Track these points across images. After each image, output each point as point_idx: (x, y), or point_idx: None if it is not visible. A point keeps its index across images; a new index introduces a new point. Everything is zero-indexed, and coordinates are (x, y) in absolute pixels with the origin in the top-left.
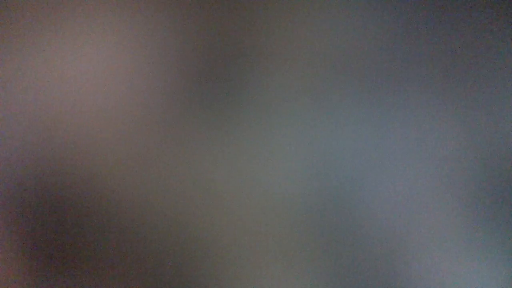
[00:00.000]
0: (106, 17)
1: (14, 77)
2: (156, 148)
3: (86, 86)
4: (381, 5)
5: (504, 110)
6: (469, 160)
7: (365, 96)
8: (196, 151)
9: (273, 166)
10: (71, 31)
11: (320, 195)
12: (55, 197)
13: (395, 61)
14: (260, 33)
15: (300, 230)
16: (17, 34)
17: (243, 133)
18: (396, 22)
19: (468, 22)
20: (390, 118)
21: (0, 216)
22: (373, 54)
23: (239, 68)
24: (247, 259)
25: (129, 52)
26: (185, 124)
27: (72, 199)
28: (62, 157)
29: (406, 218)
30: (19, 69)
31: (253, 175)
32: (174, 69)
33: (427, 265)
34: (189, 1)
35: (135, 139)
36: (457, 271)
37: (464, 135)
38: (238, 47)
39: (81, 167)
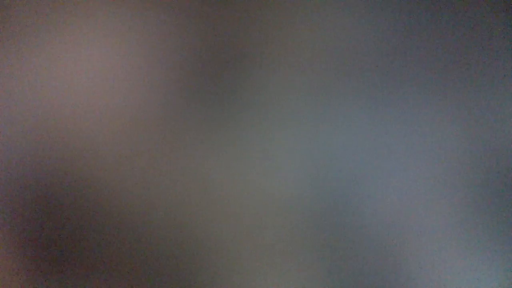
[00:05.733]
0: (106, 17)
1: (14, 77)
2: (156, 148)
3: (86, 86)
4: (381, 5)
5: (504, 110)
6: (469, 160)
7: (365, 96)
8: (196, 151)
9: (273, 166)
10: (71, 31)
11: (320, 195)
12: (55, 197)
13: (395, 61)
14: (260, 33)
15: (300, 231)
16: (17, 34)
17: (243, 133)
18: (396, 22)
19: (468, 22)
20: (390, 118)
21: (0, 216)
22: (373, 54)
23: (239, 68)
24: (247, 259)
25: (129, 52)
26: (184, 125)
27: (72, 199)
28: (62, 157)
29: (406, 218)
30: (19, 69)
31: (253, 175)
32: (174, 69)
33: (427, 265)
34: (189, 1)
35: (135, 139)
36: (457, 270)
37: (464, 135)
38: (238, 47)
39: (80, 167)
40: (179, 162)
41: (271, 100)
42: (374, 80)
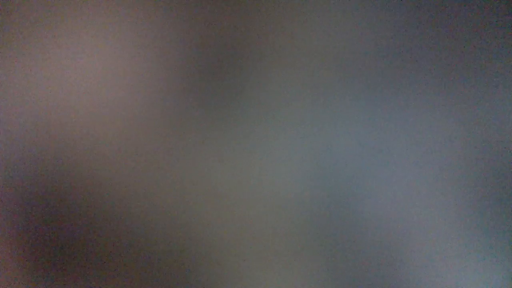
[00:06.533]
0: (106, 17)
1: (14, 77)
2: (157, 148)
3: (86, 86)
4: (381, 5)
5: (505, 110)
6: (470, 160)
7: (365, 96)
8: (196, 151)
9: (274, 166)
10: (71, 31)
11: (321, 195)
12: (55, 197)
13: (395, 61)
14: (260, 33)
15: (301, 230)
16: (17, 34)
17: (244, 133)
18: (396, 22)
19: (468, 22)
20: (390, 118)
21: (0, 216)
22: (373, 54)
23: (239, 68)
24: (248, 259)
25: (129, 52)
26: (185, 125)
27: (72, 198)
28: (62, 157)
29: (406, 218)
30: (19, 69)
31: (253, 175)
32: (174, 69)
33: (427, 265)
34: (189, 1)
35: (135, 139)
36: (457, 271)
37: (464, 135)
38: (238, 47)
39: (81, 167)
40: (179, 162)
41: (272, 100)
42: (375, 80)
